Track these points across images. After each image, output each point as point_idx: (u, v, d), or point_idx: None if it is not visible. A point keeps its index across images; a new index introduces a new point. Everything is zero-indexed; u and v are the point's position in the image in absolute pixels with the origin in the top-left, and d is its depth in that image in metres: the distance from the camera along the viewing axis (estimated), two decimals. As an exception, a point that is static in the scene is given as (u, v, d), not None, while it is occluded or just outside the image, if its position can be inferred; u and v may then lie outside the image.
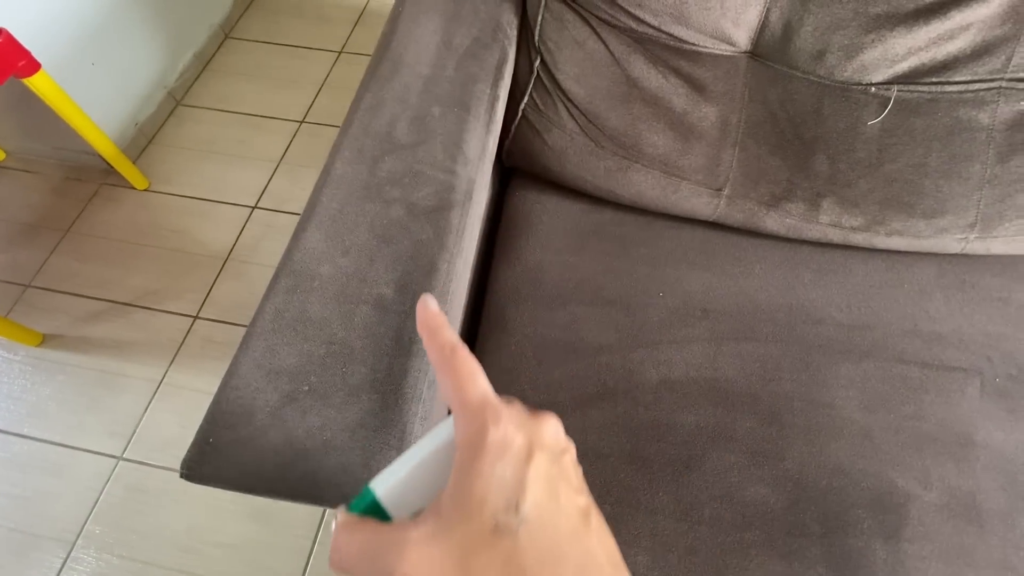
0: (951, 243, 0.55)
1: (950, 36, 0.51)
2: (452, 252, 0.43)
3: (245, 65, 1.40)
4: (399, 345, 0.39)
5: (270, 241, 1.11)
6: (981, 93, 0.53)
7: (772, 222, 0.57)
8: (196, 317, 1.01)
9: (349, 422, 0.36)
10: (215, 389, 0.37)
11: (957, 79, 0.53)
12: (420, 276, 0.41)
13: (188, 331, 1.00)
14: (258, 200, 1.17)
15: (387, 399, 0.37)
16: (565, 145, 0.59)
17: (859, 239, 0.55)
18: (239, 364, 0.38)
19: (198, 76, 1.36)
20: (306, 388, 0.37)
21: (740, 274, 0.56)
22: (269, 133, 1.26)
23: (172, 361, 0.97)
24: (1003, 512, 0.45)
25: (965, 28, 0.51)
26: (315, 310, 0.40)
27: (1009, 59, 0.51)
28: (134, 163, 1.15)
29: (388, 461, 0.35)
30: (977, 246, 0.55)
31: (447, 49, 0.56)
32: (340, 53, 1.44)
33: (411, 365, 0.38)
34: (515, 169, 0.66)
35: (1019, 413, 0.48)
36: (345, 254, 0.42)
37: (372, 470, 0.35)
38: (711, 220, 0.59)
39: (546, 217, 0.62)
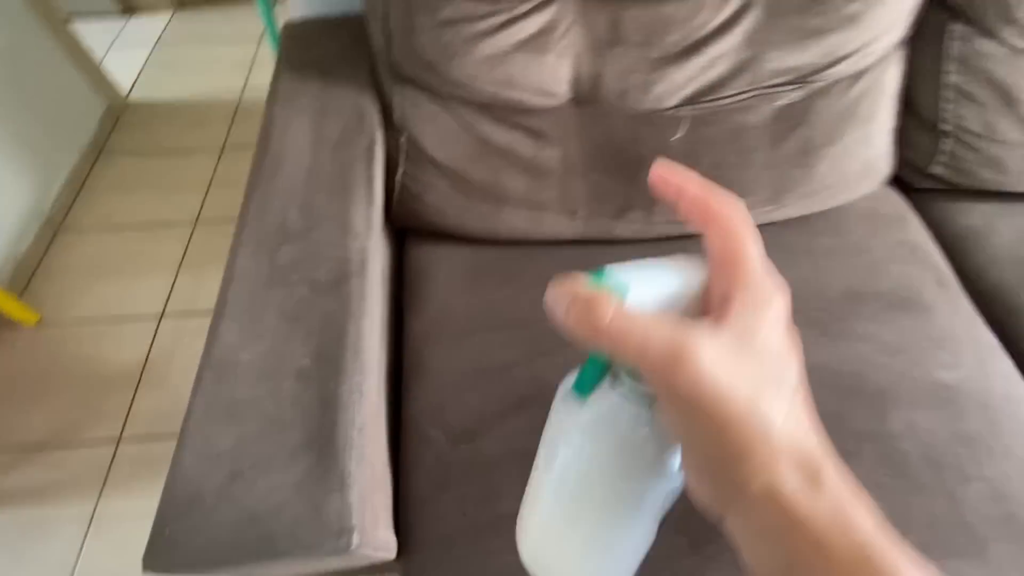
0: (758, 216, 0.70)
1: (712, 64, 0.67)
2: (357, 315, 0.50)
3: (124, 178, 1.39)
4: (325, 404, 0.44)
5: (185, 345, 1.10)
6: (746, 100, 0.68)
7: (622, 229, 0.69)
8: (119, 441, 0.99)
9: (293, 481, 0.41)
10: (154, 509, 0.40)
11: (727, 94, 0.68)
12: (332, 342, 0.48)
13: (113, 457, 0.97)
14: (164, 309, 1.16)
15: (323, 453, 0.42)
16: (442, 202, 0.69)
17: (689, 229, 0.68)
18: (181, 458, 0.42)
19: (76, 197, 1.34)
20: (248, 463, 0.42)
21: (609, 277, 0.67)
22: (163, 241, 1.26)
23: (100, 493, 0.93)
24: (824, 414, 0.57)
25: (721, 56, 0.66)
26: (243, 393, 0.45)
27: (757, 72, 0.67)
28: (19, 299, 1.11)
29: (336, 504, 0.40)
30: (776, 215, 0.70)
31: (321, 142, 0.64)
32: (222, 150, 1.47)
33: (339, 418, 0.44)
34: (408, 228, 0.75)
35: (829, 335, 0.62)
36: (261, 339, 0.48)
37: (323, 515, 0.40)
38: (575, 238, 0.70)
39: (442, 264, 0.70)
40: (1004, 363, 0.63)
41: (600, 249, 0.70)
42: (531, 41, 0.64)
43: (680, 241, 0.70)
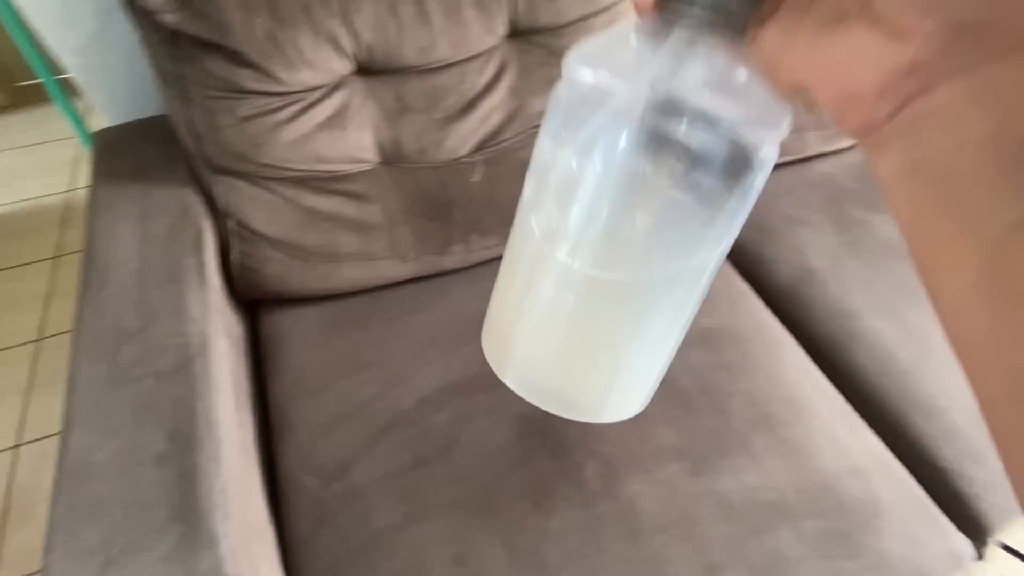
0: (557, 229, 0.85)
1: (488, 116, 0.81)
2: (205, 393, 0.56)
3: (-56, 311, 1.28)
4: (185, 478, 0.50)
5: (51, 470, 1.04)
6: (524, 139, 0.84)
7: (449, 262, 0.80)
8: (-12, 589, 0.91)
9: (165, 552, 0.46)
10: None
11: (507, 137, 0.83)
12: (185, 423, 0.53)
13: (-16, 608, 0.89)
14: (19, 437, 1.09)
15: (189, 520, 0.48)
16: (282, 271, 0.76)
17: (501, 251, 0.82)
18: (50, 562, 0.45)
19: None
20: (118, 549, 0.46)
21: (444, 303, 0.78)
22: (2, 366, 1.18)
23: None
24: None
25: (494, 109, 0.81)
26: (103, 489, 0.49)
27: (526, 117, 0.83)
28: None
29: (208, 561, 0.46)
30: (570, 224, 0.86)
31: (148, 242, 0.68)
32: (57, 258, 1.40)
33: (200, 486, 0.49)
34: (258, 299, 0.80)
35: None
36: (114, 435, 0.52)
37: (196, 574, 0.45)
38: (410, 277, 0.80)
39: (294, 325, 0.77)
40: (753, 302, 0.83)
41: (433, 282, 0.81)
42: (330, 121, 0.74)
43: (495, 264, 0.83)
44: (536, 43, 0.80)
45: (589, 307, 0.21)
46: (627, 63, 0.17)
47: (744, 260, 0.90)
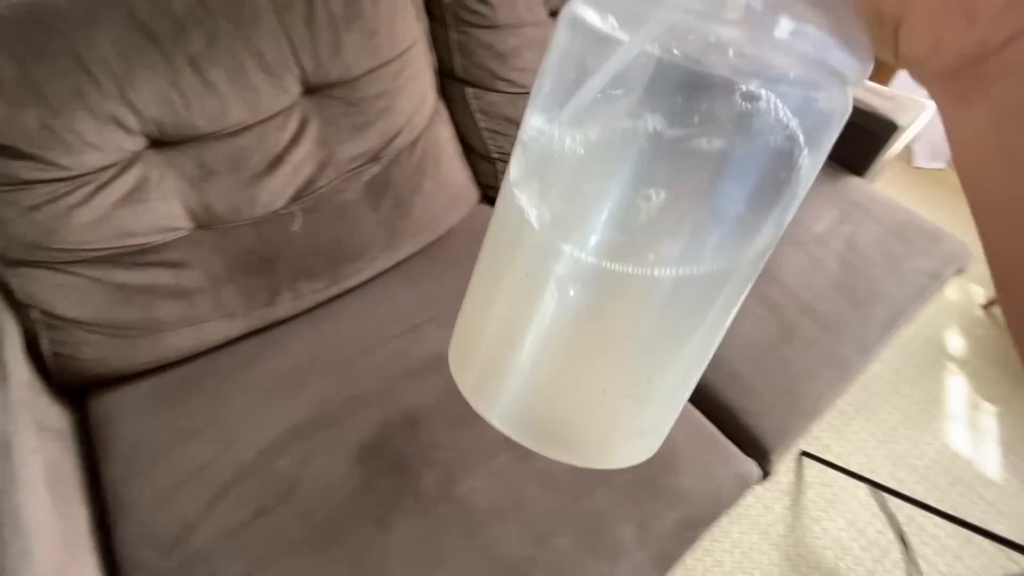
0: (385, 262, 0.91)
1: (299, 168, 0.85)
2: (9, 492, 0.55)
3: None
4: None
5: None
6: (339, 184, 0.89)
7: (280, 311, 0.83)
8: None
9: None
10: None
11: (322, 184, 0.87)
12: (-16, 525, 0.52)
13: None
14: None
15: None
16: (101, 353, 0.75)
17: (333, 291, 0.87)
18: None
19: None
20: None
21: (280, 352, 0.81)
22: None
23: None
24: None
25: (304, 160, 0.86)
26: None
27: (338, 163, 0.88)
28: None
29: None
30: (399, 255, 0.92)
31: (-66, 350, 0.65)
32: None
33: (4, 587, 0.49)
34: (83, 384, 0.78)
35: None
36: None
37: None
38: (243, 333, 0.82)
39: (125, 404, 0.76)
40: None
41: (268, 334, 0.83)
42: (130, 197, 0.75)
43: (335, 300, 0.87)
44: (333, 96, 0.86)
45: (603, 313, 0.16)
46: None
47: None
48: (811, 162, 0.15)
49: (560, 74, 0.16)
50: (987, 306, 1.52)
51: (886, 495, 1.08)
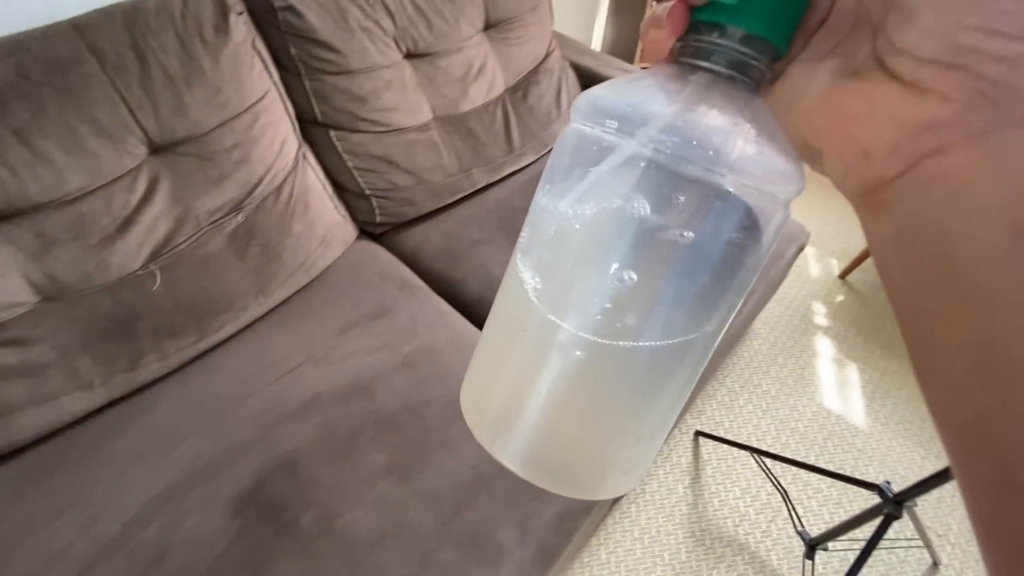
0: (258, 310, 0.91)
1: (154, 226, 0.85)
2: None
3: None
4: None
5: None
6: (200, 238, 0.89)
7: (145, 374, 0.81)
8: None
9: None
10: None
11: (181, 240, 0.87)
12: None
13: None
14: None
15: None
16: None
17: (202, 346, 0.86)
18: None
19: None
20: None
21: (149, 417, 0.79)
22: None
23: None
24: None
25: (158, 218, 0.85)
26: None
27: (197, 218, 0.88)
28: None
29: None
30: (271, 302, 0.93)
31: None
32: None
33: None
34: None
35: (332, 363, 0.86)
36: None
37: None
38: (105, 403, 0.79)
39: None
40: (451, 318, 0.97)
41: (134, 399, 0.81)
42: (-43, 277, 0.71)
43: (200, 360, 0.86)
44: (184, 152, 0.87)
45: (592, 374, 0.19)
46: (638, 111, 0.17)
47: (440, 285, 1.05)
48: (764, 252, 0.18)
49: (572, 157, 0.19)
50: (843, 275, 1.72)
51: (769, 459, 1.18)
